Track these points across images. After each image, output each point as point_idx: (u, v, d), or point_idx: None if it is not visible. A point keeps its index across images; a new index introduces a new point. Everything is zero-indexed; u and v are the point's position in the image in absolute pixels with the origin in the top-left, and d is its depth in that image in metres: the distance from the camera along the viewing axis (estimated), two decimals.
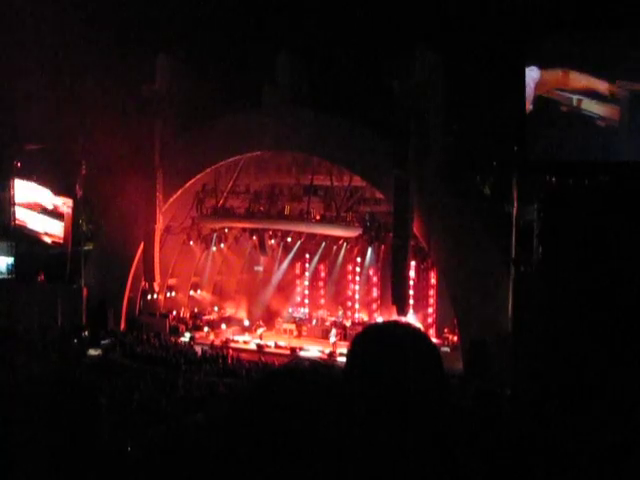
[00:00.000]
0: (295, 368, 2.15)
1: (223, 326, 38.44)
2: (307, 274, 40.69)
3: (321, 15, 33.37)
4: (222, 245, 39.80)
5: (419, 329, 2.53)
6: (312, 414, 2.01)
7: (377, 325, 2.59)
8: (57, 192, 39.56)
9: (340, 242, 36.89)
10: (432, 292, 36.21)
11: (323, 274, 40.61)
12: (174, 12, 34.19)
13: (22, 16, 32.87)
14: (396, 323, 2.49)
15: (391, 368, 2.27)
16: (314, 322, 38.19)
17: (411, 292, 33.64)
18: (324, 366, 2.16)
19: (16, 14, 32.90)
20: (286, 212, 36.03)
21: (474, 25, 30.04)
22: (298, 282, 41.16)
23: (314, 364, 2.19)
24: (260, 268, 41.05)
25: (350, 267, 38.98)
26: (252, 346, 35.27)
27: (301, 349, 34.16)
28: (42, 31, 31.79)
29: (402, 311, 32.08)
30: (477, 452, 2.54)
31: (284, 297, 40.69)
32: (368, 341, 2.39)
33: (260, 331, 36.67)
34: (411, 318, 33.54)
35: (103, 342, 34.65)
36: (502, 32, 25.36)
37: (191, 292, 41.27)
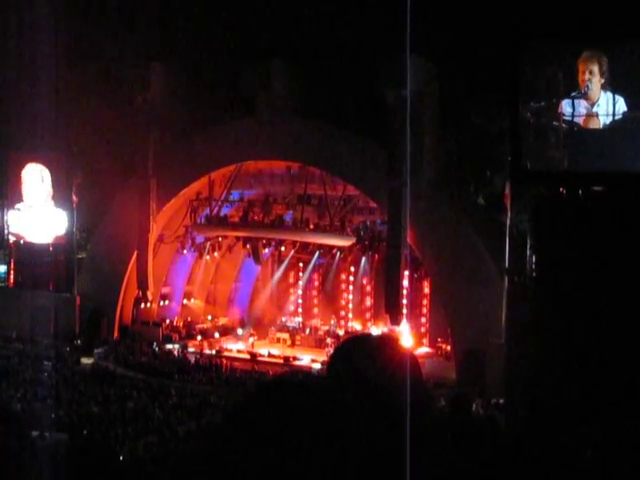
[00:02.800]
0: (288, 379, 2.16)
1: (216, 335, 38.40)
2: (301, 283, 40.64)
3: (315, 24, 33.46)
4: (216, 254, 39.74)
5: (394, 338, 2.58)
6: (304, 424, 2.02)
7: (352, 337, 2.65)
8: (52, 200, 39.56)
9: (334, 251, 36.88)
10: (425, 301, 36.19)
11: (317, 283, 40.60)
12: (168, 21, 34.26)
13: (17, 24, 32.92)
14: (369, 334, 2.57)
15: (364, 375, 2.31)
16: (307, 331, 38.14)
17: (404, 301, 33.61)
18: (316, 377, 2.18)
19: (11, 23, 32.95)
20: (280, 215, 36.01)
21: (468, 33, 30.13)
22: (292, 291, 41.12)
23: (307, 375, 2.21)
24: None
25: (344, 276, 38.96)
26: (245, 355, 35.22)
27: (294, 358, 34.12)
28: (37, 41, 31.81)
29: (395, 320, 32.07)
30: (470, 458, 2.56)
31: (278, 306, 40.66)
32: (345, 352, 2.43)
33: (251, 340, 36.62)
34: (404, 327, 33.53)
35: (96, 351, 34.59)
36: (496, 40, 25.43)
37: (184, 301, 41.21)
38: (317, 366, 31.78)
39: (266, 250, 38.67)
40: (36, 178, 39.44)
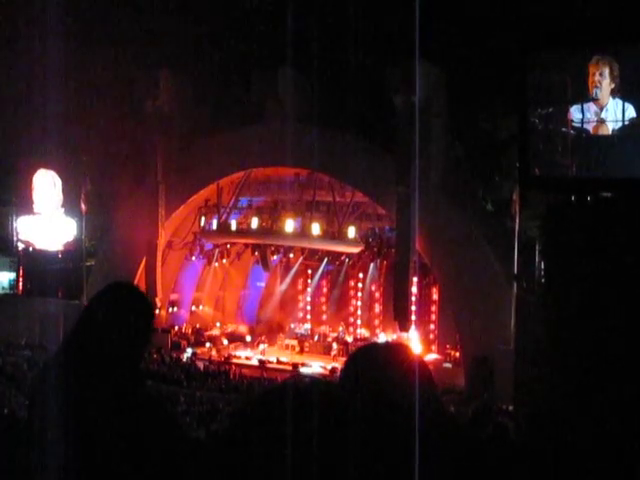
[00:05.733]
0: (294, 384, 2.15)
1: (225, 342, 38.38)
2: (309, 290, 40.65)
3: (323, 31, 33.47)
4: (224, 261, 39.77)
5: (407, 347, 2.58)
6: (310, 429, 2.01)
7: (365, 346, 2.65)
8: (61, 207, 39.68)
9: (342, 258, 36.86)
10: (434, 308, 36.12)
11: (325, 290, 40.59)
12: (177, 28, 34.31)
13: (25, 30, 33.04)
14: (384, 343, 2.55)
15: (377, 384, 2.30)
16: (316, 338, 38.11)
17: (413, 308, 33.57)
18: (323, 382, 2.17)
19: (19, 29, 33.08)
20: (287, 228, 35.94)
21: (476, 39, 30.11)
22: (300, 298, 41.11)
23: (313, 380, 2.20)
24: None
25: (352, 283, 38.94)
26: (254, 362, 35.21)
27: (303, 365, 34.11)
28: (45, 47, 31.92)
29: (404, 327, 32.03)
30: (478, 464, 2.54)
31: (286, 313, 40.66)
32: (357, 361, 2.44)
33: (262, 347, 36.62)
34: (413, 334, 33.48)
35: None
36: (504, 46, 25.45)
37: (193, 308, 41.22)
38: (326, 372, 31.86)
39: (274, 257, 38.67)
40: (47, 185, 39.54)
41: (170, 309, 39.82)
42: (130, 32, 33.07)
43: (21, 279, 41.31)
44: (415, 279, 33.37)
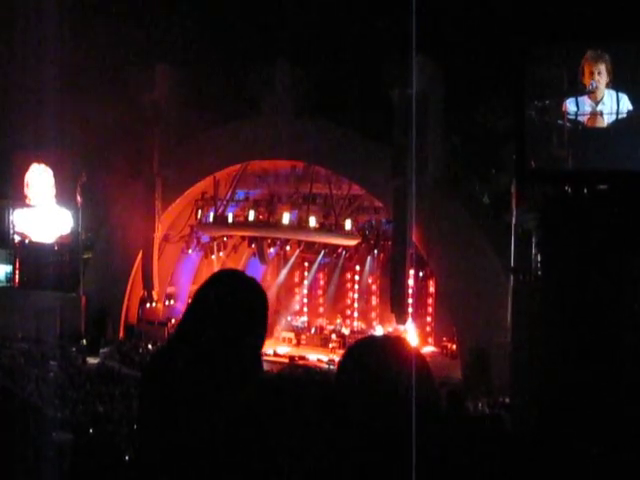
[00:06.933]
0: (289, 375, 2.16)
1: None
2: (306, 282, 40.65)
3: (319, 24, 33.46)
4: (221, 253, 39.73)
5: (405, 339, 2.60)
6: (305, 418, 2.02)
7: (363, 338, 2.66)
8: (57, 200, 39.64)
9: (339, 250, 36.85)
10: (431, 301, 36.15)
11: (322, 282, 40.60)
12: (173, 21, 34.27)
13: (19, 23, 32.97)
14: (382, 336, 2.56)
15: (375, 376, 2.32)
16: (313, 330, 38.16)
17: (410, 300, 33.58)
18: (318, 373, 2.18)
19: (13, 22, 33.01)
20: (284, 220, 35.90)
21: (473, 33, 30.10)
22: (297, 290, 41.11)
23: (308, 371, 2.21)
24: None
25: (349, 275, 38.96)
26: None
27: (300, 357, 34.13)
28: (41, 40, 31.86)
29: (400, 320, 32.05)
30: (472, 456, 2.56)
31: (283, 305, 40.66)
32: (355, 354, 2.45)
33: None
34: (410, 326, 33.51)
35: (102, 350, 34.61)
36: (501, 40, 25.44)
37: (190, 300, 41.15)
38: (323, 365, 31.90)
39: (271, 250, 38.66)
40: (41, 178, 39.50)
41: (167, 302, 39.80)
42: (126, 25, 33.02)
43: (17, 272, 41.27)
44: (412, 272, 33.38)
